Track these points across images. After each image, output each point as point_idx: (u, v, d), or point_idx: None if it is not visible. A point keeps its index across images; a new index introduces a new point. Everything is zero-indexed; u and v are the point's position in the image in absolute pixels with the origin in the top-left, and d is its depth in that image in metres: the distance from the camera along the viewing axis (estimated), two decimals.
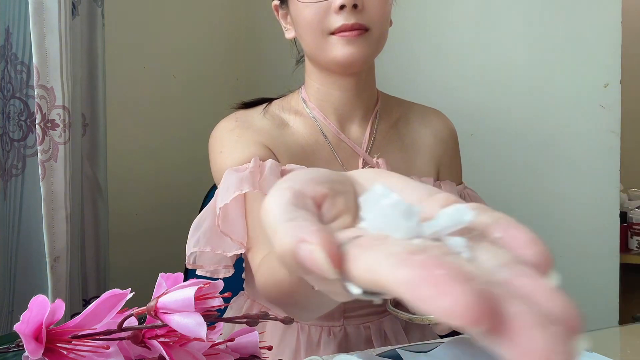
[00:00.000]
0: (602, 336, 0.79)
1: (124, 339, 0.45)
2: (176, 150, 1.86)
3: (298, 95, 0.87)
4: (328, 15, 0.74)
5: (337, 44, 0.74)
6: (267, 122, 0.82)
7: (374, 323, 0.84)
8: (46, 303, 0.42)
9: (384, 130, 0.86)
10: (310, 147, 0.81)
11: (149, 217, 1.74)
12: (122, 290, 0.44)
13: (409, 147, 0.86)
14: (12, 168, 1.25)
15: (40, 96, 1.15)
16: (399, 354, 0.62)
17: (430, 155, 0.87)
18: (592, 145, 1.31)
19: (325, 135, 0.82)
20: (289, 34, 0.84)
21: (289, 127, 0.83)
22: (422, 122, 0.90)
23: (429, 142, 0.88)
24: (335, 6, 0.73)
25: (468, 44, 1.50)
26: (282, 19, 0.86)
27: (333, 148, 0.82)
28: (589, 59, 1.31)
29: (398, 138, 0.86)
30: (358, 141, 0.83)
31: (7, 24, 1.25)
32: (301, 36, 0.80)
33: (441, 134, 0.90)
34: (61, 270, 1.19)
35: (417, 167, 0.86)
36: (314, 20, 0.75)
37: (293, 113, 0.84)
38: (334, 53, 0.75)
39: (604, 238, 1.32)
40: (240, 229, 0.71)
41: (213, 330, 0.52)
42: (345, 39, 0.73)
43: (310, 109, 0.84)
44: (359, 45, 0.74)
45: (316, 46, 0.77)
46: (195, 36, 1.95)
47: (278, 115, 0.84)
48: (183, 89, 1.90)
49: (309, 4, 0.74)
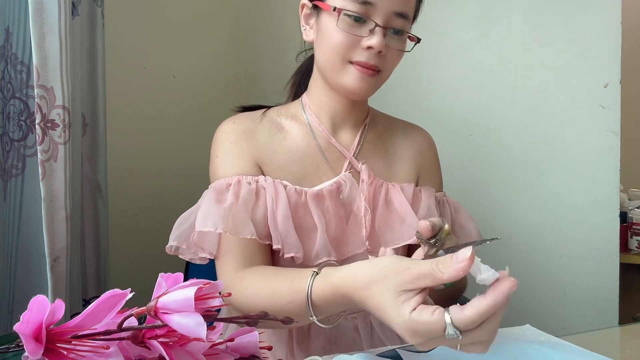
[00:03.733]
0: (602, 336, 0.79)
1: (124, 339, 0.45)
2: (176, 150, 1.86)
3: (299, 102, 0.93)
4: (355, 47, 0.80)
5: (353, 75, 0.81)
6: (262, 128, 0.89)
7: (361, 314, 0.88)
8: (46, 303, 0.42)
9: (371, 139, 0.93)
10: (299, 151, 0.88)
11: (149, 217, 1.74)
12: (122, 290, 0.44)
13: (391, 155, 0.94)
14: (12, 168, 1.25)
15: (40, 96, 1.15)
16: (399, 354, 0.62)
17: (410, 164, 0.95)
18: (592, 145, 1.31)
19: (317, 139, 0.89)
20: (308, 36, 0.88)
21: (283, 131, 0.89)
22: (404, 135, 0.97)
23: (410, 153, 0.95)
24: (365, 45, 0.79)
25: (468, 44, 1.50)
26: (305, 19, 0.89)
27: (322, 151, 0.88)
28: (589, 59, 1.31)
29: (382, 147, 0.94)
30: (347, 146, 0.90)
31: (7, 24, 1.25)
32: (322, 50, 0.84)
33: (420, 146, 0.97)
34: (61, 270, 1.19)
35: (397, 173, 0.93)
36: (342, 46, 0.80)
37: (290, 118, 0.91)
38: (347, 81, 0.82)
39: (604, 238, 1.31)
40: (213, 244, 0.81)
41: (213, 330, 0.52)
42: (360, 74, 0.80)
43: (307, 114, 0.91)
44: (370, 83, 0.82)
45: (333, 67, 0.82)
46: (195, 36, 1.95)
47: (275, 120, 0.91)
48: (183, 89, 1.90)
49: (344, 31, 0.79)
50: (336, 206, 0.84)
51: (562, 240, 1.37)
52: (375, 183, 0.87)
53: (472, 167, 1.50)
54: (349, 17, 0.79)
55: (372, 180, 0.87)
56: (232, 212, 0.78)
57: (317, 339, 0.85)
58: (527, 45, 1.41)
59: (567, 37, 1.34)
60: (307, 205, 0.82)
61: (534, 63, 1.40)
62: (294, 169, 0.85)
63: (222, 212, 0.77)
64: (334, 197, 0.85)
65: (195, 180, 1.15)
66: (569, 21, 1.34)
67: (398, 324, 0.53)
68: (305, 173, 0.86)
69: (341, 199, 0.85)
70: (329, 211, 0.83)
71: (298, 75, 0.99)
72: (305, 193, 0.83)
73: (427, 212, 0.88)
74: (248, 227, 0.78)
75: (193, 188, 0.98)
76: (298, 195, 0.83)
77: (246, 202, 0.80)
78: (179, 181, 1.78)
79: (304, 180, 0.85)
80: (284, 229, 0.79)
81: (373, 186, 0.87)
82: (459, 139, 1.51)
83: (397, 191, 0.88)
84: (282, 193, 0.81)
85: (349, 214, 0.86)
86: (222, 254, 0.81)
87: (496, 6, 1.46)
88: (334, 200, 0.84)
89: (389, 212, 0.87)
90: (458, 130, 1.52)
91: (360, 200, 0.85)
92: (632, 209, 1.80)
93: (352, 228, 0.85)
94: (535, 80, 1.39)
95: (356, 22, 0.79)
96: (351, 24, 0.79)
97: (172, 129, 1.87)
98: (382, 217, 0.86)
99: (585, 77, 1.32)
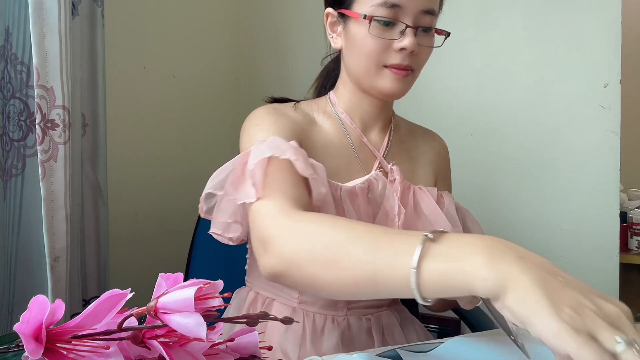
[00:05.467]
0: None
1: (124, 339, 0.45)
2: (176, 149, 1.86)
3: (326, 99, 0.94)
4: (388, 51, 0.81)
5: (388, 78, 0.82)
6: (299, 116, 0.88)
7: (374, 315, 0.89)
8: (46, 303, 0.42)
9: (397, 141, 0.95)
10: (334, 145, 0.88)
11: (149, 216, 1.74)
12: (122, 290, 0.44)
13: (414, 158, 0.96)
14: (12, 168, 1.25)
15: (40, 96, 1.15)
16: (399, 354, 0.62)
17: (431, 168, 0.97)
18: (592, 145, 1.31)
19: (350, 137, 0.90)
20: (336, 44, 0.88)
21: (317, 125, 0.90)
22: (423, 139, 1.00)
23: (430, 157, 0.98)
24: (397, 47, 0.80)
25: (468, 44, 1.50)
26: (330, 27, 0.89)
27: (355, 149, 0.89)
28: (589, 59, 1.31)
29: (406, 149, 0.95)
30: (377, 146, 0.91)
31: (7, 24, 1.24)
32: (354, 56, 0.84)
33: (438, 151, 1.00)
34: (61, 270, 1.19)
35: (420, 176, 0.95)
36: (375, 52, 0.81)
37: (322, 113, 0.91)
38: (383, 85, 0.83)
39: (604, 238, 1.31)
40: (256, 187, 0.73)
41: (213, 330, 0.52)
42: (396, 76, 0.82)
43: (338, 112, 0.91)
44: (405, 83, 0.83)
45: (367, 73, 0.83)
46: (195, 36, 1.95)
47: (308, 113, 0.91)
48: (183, 89, 1.90)
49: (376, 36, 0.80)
50: (366, 204, 0.85)
51: (562, 240, 1.37)
52: (403, 185, 0.88)
53: (472, 167, 1.50)
54: (379, 22, 0.79)
55: (401, 181, 0.87)
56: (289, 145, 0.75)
57: (330, 338, 0.85)
58: (527, 45, 1.41)
59: (567, 37, 1.34)
60: (341, 200, 0.82)
61: (534, 63, 1.40)
62: (328, 163, 0.84)
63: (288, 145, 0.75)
64: (365, 195, 0.85)
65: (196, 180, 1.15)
66: (569, 21, 1.34)
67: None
68: (338, 168, 0.86)
69: (370, 197, 0.85)
70: (360, 209, 0.84)
71: (322, 78, 1.00)
72: (340, 188, 0.83)
73: (450, 219, 0.89)
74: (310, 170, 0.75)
75: (194, 187, 0.98)
76: (334, 189, 0.82)
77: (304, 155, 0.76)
78: (179, 181, 1.78)
79: (336, 175, 0.85)
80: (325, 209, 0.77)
81: (402, 187, 0.87)
82: (459, 139, 1.51)
83: (425, 194, 0.89)
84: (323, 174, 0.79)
85: (376, 213, 0.86)
86: (269, 193, 0.71)
87: (496, 6, 1.46)
88: (364, 198, 0.85)
89: (417, 215, 0.88)
90: (458, 130, 1.52)
91: (393, 200, 0.85)
92: (632, 209, 1.81)
93: None
94: (535, 80, 1.39)
95: (386, 26, 0.80)
96: (382, 29, 0.80)
97: (172, 129, 1.87)
98: (410, 218, 0.86)
99: (585, 77, 1.32)
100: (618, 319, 0.44)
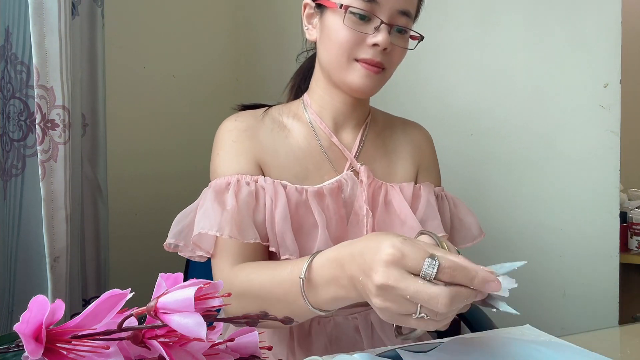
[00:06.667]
0: (602, 336, 0.79)
1: (124, 339, 0.45)
2: (176, 150, 1.86)
3: (300, 101, 0.94)
4: (361, 45, 0.80)
5: (358, 73, 0.82)
6: (264, 126, 0.89)
7: (361, 314, 0.88)
8: (46, 303, 0.42)
9: (372, 138, 0.93)
10: (301, 149, 0.88)
11: (149, 216, 1.74)
12: (122, 290, 0.44)
13: (391, 153, 0.94)
14: (12, 168, 1.25)
15: (40, 96, 1.15)
16: (399, 354, 0.62)
17: (410, 161, 0.95)
18: (592, 145, 1.31)
19: (319, 138, 0.89)
20: (311, 35, 0.88)
21: (286, 129, 0.89)
22: (402, 132, 0.98)
23: (409, 149, 0.96)
24: (371, 42, 0.80)
25: (468, 44, 1.50)
26: (307, 18, 0.89)
27: (324, 150, 0.89)
28: (589, 59, 1.31)
29: (383, 145, 0.94)
30: (349, 146, 0.90)
31: (7, 24, 1.25)
32: (327, 48, 0.84)
33: (419, 142, 0.98)
34: (61, 270, 1.19)
35: (398, 171, 0.93)
36: (348, 44, 0.80)
37: (292, 117, 0.91)
38: (353, 79, 0.82)
39: (604, 238, 1.31)
40: (210, 244, 0.82)
41: (213, 330, 0.52)
42: (366, 71, 0.81)
43: (309, 113, 0.91)
44: (375, 80, 0.83)
45: (338, 65, 0.83)
46: (195, 36, 1.95)
47: (277, 119, 0.91)
48: (183, 89, 1.90)
49: (350, 28, 0.79)
50: (337, 205, 0.85)
51: (562, 240, 1.36)
52: (374, 184, 0.88)
53: (471, 167, 1.50)
54: (354, 15, 0.79)
55: (371, 181, 0.87)
56: (235, 216, 0.78)
57: (318, 339, 0.85)
58: (527, 45, 1.41)
59: (567, 37, 1.34)
60: (308, 203, 0.82)
61: (533, 63, 1.40)
62: (296, 168, 0.85)
63: (225, 216, 0.78)
64: (335, 196, 0.85)
65: (196, 180, 1.15)
66: (569, 21, 1.34)
67: (375, 261, 0.55)
68: (307, 172, 0.86)
69: (343, 198, 0.85)
70: (329, 209, 0.84)
71: (298, 77, 1.00)
72: (306, 191, 0.83)
73: (427, 207, 0.89)
74: (252, 232, 0.78)
75: (193, 187, 0.98)
76: (299, 193, 0.83)
77: (247, 205, 0.80)
78: (179, 181, 1.78)
79: (306, 179, 0.85)
80: (280, 231, 0.79)
81: (372, 187, 0.87)
82: (459, 139, 1.51)
83: (397, 192, 0.88)
84: (282, 193, 0.81)
85: (349, 214, 0.86)
86: (219, 252, 0.81)
87: (496, 6, 1.46)
88: (334, 198, 0.84)
89: (388, 214, 0.87)
90: (458, 130, 1.52)
91: (361, 201, 0.85)
92: (632, 209, 1.80)
93: (353, 228, 0.85)
94: (535, 80, 1.39)
95: (361, 20, 0.80)
96: (356, 22, 0.80)
97: (172, 129, 1.87)
98: (381, 218, 0.86)
99: (585, 77, 1.32)
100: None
